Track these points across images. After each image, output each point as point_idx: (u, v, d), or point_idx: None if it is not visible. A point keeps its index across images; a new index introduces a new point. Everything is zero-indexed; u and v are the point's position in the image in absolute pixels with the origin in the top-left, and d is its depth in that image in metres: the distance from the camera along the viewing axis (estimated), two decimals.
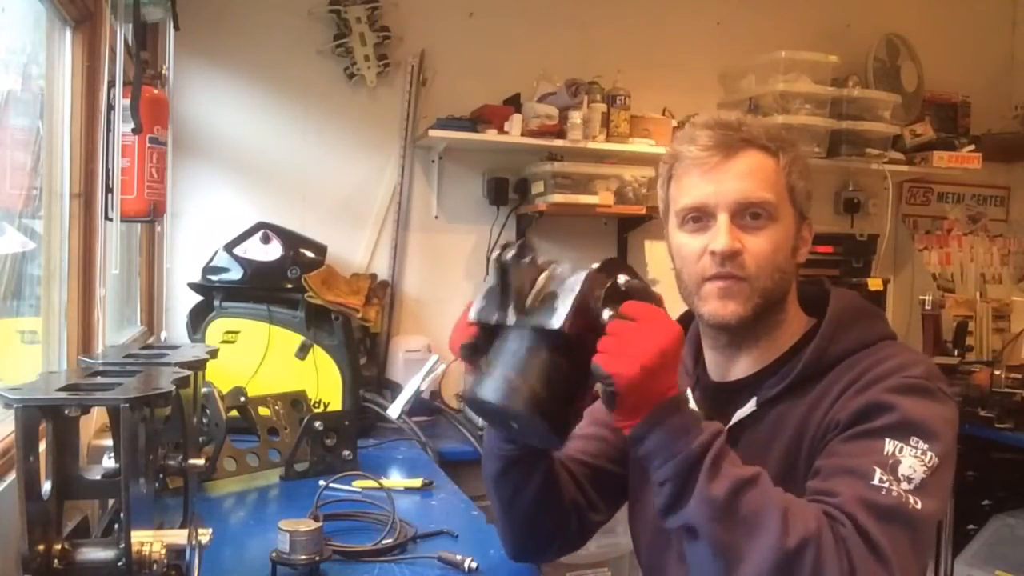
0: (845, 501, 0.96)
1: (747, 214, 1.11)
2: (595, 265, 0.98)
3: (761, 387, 1.15)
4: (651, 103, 3.21)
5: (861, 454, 1.00)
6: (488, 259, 3.15)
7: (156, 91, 1.89)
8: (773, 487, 0.98)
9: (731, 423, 1.14)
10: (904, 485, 0.97)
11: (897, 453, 0.99)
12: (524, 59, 3.13)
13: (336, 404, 2.39)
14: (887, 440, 1.00)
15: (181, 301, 2.67)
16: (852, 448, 1.01)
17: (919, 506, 0.96)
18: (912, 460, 0.98)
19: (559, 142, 2.97)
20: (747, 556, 0.94)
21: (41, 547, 0.85)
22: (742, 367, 1.18)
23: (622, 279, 0.98)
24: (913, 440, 1.00)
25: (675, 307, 1.22)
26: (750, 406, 1.14)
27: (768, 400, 1.13)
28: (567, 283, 0.96)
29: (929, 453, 0.99)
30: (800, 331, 1.17)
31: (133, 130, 1.73)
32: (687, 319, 1.23)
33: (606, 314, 0.95)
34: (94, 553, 0.89)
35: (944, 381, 1.09)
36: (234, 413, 1.95)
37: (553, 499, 1.23)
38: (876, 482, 0.97)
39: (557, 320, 0.93)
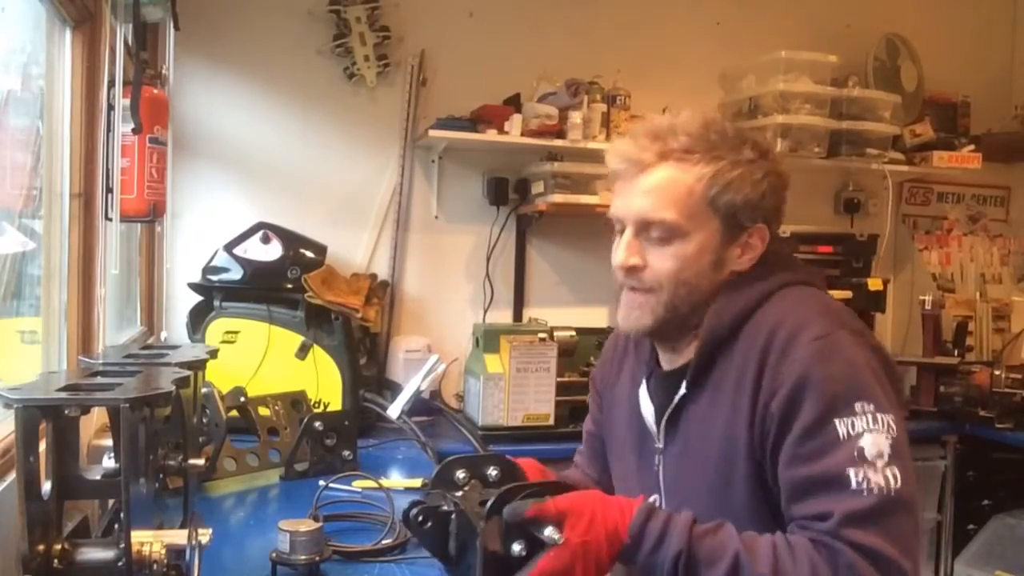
0: (834, 525, 0.98)
1: (650, 231, 1.15)
2: (487, 506, 1.01)
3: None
4: (651, 103, 3.20)
5: (823, 454, 1.01)
6: (488, 259, 3.16)
7: (156, 91, 1.88)
8: (753, 553, 0.99)
9: (671, 407, 1.19)
10: (879, 464, 0.99)
11: (851, 432, 1.00)
12: (524, 59, 3.13)
13: (336, 404, 2.39)
14: (836, 423, 1.01)
15: (181, 301, 2.67)
16: (810, 450, 1.02)
17: (897, 482, 0.98)
18: (870, 436, 1.00)
19: (559, 142, 2.97)
20: None
21: (41, 547, 0.85)
22: (683, 356, 1.21)
23: (506, 514, 1.00)
24: (857, 406, 1.01)
25: None
26: (683, 388, 1.18)
27: (693, 380, 1.16)
28: (472, 532, 1.01)
29: (878, 414, 1.01)
30: None
31: (133, 130, 1.73)
32: None
33: (516, 548, 0.99)
34: (94, 553, 0.89)
35: (846, 316, 1.10)
36: (234, 413, 1.95)
37: None
38: (854, 486, 0.98)
39: None
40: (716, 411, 1.13)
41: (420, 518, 1.06)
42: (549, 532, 0.98)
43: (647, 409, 1.25)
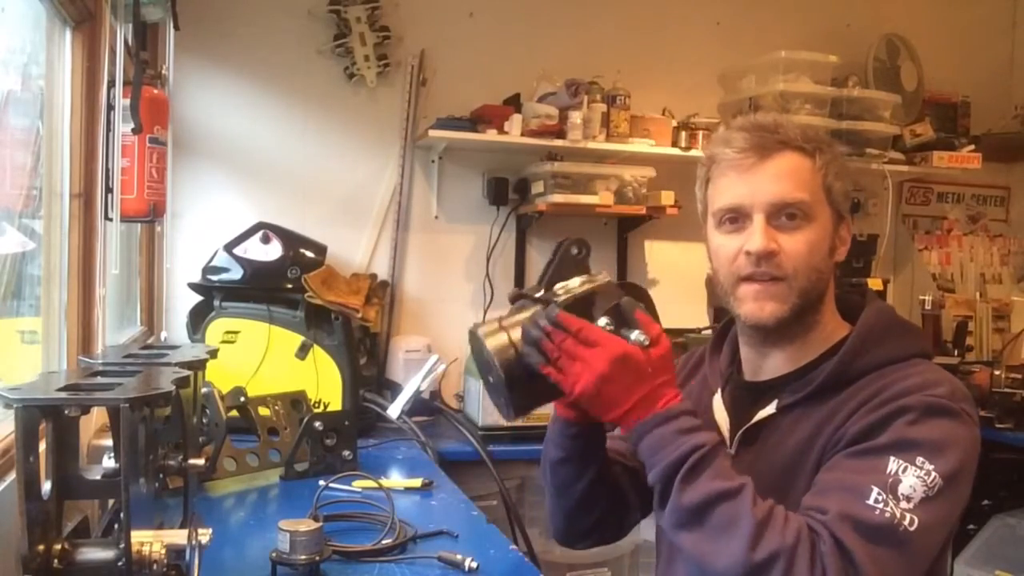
0: (832, 518, 0.97)
1: (783, 215, 1.12)
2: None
3: (784, 391, 1.16)
4: (651, 103, 3.21)
5: (863, 471, 1.00)
6: (488, 259, 3.16)
7: (156, 91, 1.88)
8: (757, 500, 0.99)
9: (752, 422, 1.17)
10: (903, 504, 0.97)
11: (900, 473, 0.99)
12: (524, 59, 3.13)
13: (336, 404, 2.39)
14: (891, 459, 1.00)
15: (181, 301, 2.67)
16: (855, 464, 1.02)
17: (913, 525, 0.97)
18: (914, 480, 0.98)
19: (559, 142, 2.97)
20: (714, 565, 0.98)
21: (41, 547, 0.85)
22: (773, 367, 1.20)
23: (624, 302, 1.09)
24: (919, 460, 0.99)
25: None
26: (770, 408, 1.16)
27: (788, 405, 1.14)
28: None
29: (933, 474, 0.99)
30: (834, 337, 1.17)
31: (133, 130, 1.73)
32: (728, 322, 1.28)
33: (603, 322, 1.07)
34: (94, 553, 0.88)
35: (970, 403, 1.07)
36: (234, 413, 1.95)
37: (601, 494, 1.27)
38: (871, 501, 0.97)
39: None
40: (799, 427, 1.12)
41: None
42: (636, 335, 1.06)
43: (721, 418, 1.23)
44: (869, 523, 0.96)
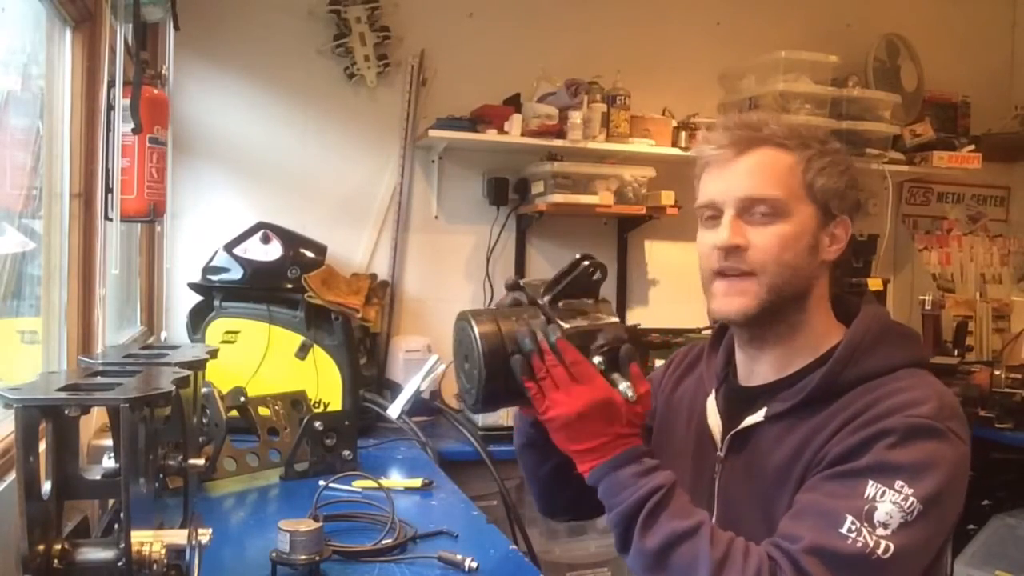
0: (801, 548, 0.97)
1: (753, 210, 1.11)
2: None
3: (774, 398, 1.15)
4: (651, 103, 3.21)
5: (840, 496, 1.00)
6: (488, 259, 3.16)
7: (156, 91, 1.88)
8: (716, 535, 1.00)
9: (739, 427, 1.16)
10: (879, 531, 0.97)
11: (877, 498, 0.98)
12: (524, 59, 3.13)
13: (336, 404, 2.39)
14: (870, 483, 0.99)
15: (181, 301, 2.67)
16: (833, 488, 1.01)
17: (888, 553, 0.96)
18: (890, 507, 0.97)
19: (559, 142, 2.97)
20: None
21: (41, 547, 0.85)
22: (763, 371, 1.19)
23: (624, 350, 1.09)
24: (898, 484, 0.98)
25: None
26: (759, 415, 1.15)
27: (776, 414, 1.13)
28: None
29: (911, 499, 0.98)
30: (825, 342, 1.15)
31: (133, 130, 1.73)
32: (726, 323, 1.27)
33: (596, 360, 1.08)
34: (94, 553, 0.88)
35: (958, 419, 1.05)
36: (234, 413, 1.95)
37: (571, 475, 1.26)
38: (844, 530, 0.97)
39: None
40: (787, 439, 1.11)
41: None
42: (625, 387, 1.06)
43: (714, 421, 1.22)
44: (839, 553, 0.96)
